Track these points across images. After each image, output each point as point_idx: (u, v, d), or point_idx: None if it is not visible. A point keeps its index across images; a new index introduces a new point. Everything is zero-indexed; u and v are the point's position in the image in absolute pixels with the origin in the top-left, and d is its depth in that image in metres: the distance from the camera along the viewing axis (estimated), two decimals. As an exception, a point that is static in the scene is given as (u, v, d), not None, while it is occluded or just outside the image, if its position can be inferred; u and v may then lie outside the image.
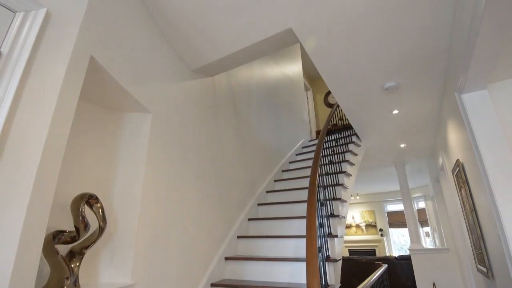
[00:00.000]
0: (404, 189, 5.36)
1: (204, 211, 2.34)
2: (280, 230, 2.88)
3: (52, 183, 1.15)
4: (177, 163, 2.07)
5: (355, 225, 9.73)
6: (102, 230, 1.45)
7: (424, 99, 2.97)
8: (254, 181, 3.43)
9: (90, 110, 1.70)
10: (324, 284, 1.81)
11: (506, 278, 2.07)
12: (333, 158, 3.30)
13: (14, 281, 0.98)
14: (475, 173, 2.34)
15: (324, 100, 7.70)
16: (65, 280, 1.30)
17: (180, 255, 1.97)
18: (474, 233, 2.78)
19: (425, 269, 4.77)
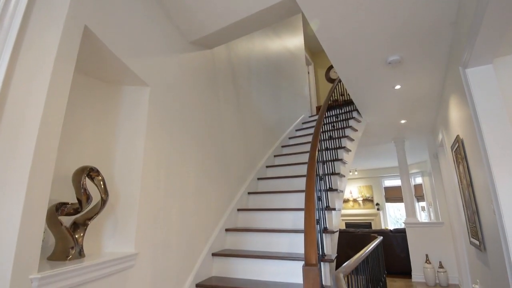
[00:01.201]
0: (402, 165, 5.41)
1: (205, 184, 2.38)
2: (279, 204, 2.94)
3: (51, 156, 1.15)
4: (176, 137, 2.07)
5: (353, 200, 9.94)
6: (104, 202, 1.48)
7: (427, 74, 2.92)
8: (254, 156, 3.45)
9: (87, 83, 1.66)
10: (321, 254, 1.87)
11: (497, 250, 2.14)
12: (333, 134, 3.30)
13: (19, 251, 1.01)
14: (474, 149, 2.35)
15: (325, 75, 7.57)
16: (70, 250, 1.34)
17: (182, 227, 2.02)
18: (470, 207, 2.84)
19: (419, 242, 4.93)
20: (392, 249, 5.37)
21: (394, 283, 4.81)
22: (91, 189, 1.46)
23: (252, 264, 2.24)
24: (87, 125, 1.64)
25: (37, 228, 1.08)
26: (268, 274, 2.18)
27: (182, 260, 2.00)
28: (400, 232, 5.41)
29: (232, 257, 2.30)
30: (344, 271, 1.61)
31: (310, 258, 1.14)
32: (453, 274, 4.64)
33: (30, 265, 1.04)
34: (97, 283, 1.34)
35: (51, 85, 1.16)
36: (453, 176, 3.69)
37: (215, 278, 2.24)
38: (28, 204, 1.05)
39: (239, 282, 2.10)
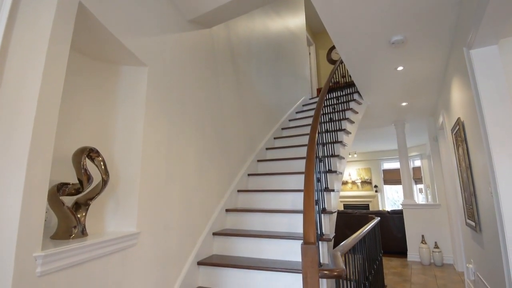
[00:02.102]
0: (401, 148, 5.43)
1: (205, 166, 2.39)
2: (278, 185, 2.97)
3: (50, 136, 1.15)
4: (176, 118, 2.05)
5: (351, 182, 10.04)
6: (105, 182, 1.49)
7: (431, 55, 2.86)
8: (254, 138, 3.45)
9: (84, 63, 1.63)
10: (320, 233, 1.91)
11: (493, 231, 2.18)
12: (333, 116, 3.28)
13: (22, 230, 1.03)
14: (475, 131, 2.34)
15: (327, 56, 7.44)
16: (72, 229, 1.36)
17: (182, 207, 2.05)
18: (467, 189, 2.87)
19: (416, 223, 5.03)
20: (389, 229, 5.48)
21: (390, 262, 4.95)
22: (91, 170, 1.47)
23: (252, 243, 2.29)
24: (86, 106, 1.62)
25: (39, 207, 1.09)
26: (268, 253, 2.23)
27: (183, 239, 2.04)
28: (397, 213, 5.51)
29: (233, 236, 2.35)
30: (342, 250, 1.64)
31: (308, 236, 1.16)
32: (447, 254, 4.76)
33: (33, 244, 1.06)
34: (100, 261, 1.37)
35: (46, 64, 1.14)
36: (452, 159, 3.70)
37: (216, 256, 2.30)
38: (29, 184, 1.06)
39: (239, 260, 2.15)
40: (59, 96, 1.20)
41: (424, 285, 3.77)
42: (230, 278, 2.08)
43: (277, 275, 1.98)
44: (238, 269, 2.06)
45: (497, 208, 1.98)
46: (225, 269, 2.10)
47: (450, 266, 4.63)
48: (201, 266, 2.15)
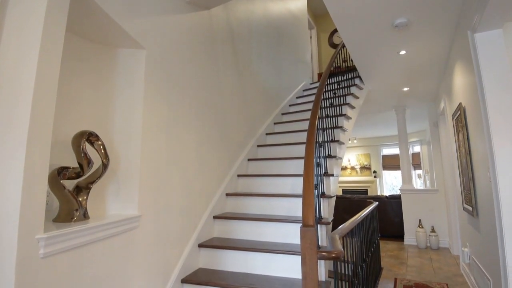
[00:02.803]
0: (401, 134, 5.42)
1: (205, 150, 2.39)
2: (278, 170, 2.99)
3: (48, 119, 1.14)
4: (175, 102, 2.04)
5: (350, 167, 10.10)
6: (106, 166, 1.49)
7: (434, 38, 2.81)
8: (254, 123, 3.43)
9: (81, 45, 1.60)
10: (318, 217, 1.94)
11: (489, 215, 2.21)
12: (334, 101, 3.26)
13: (24, 213, 1.04)
14: (476, 116, 2.33)
15: (328, 40, 7.31)
16: (74, 212, 1.38)
17: (183, 191, 2.07)
18: (466, 175, 2.89)
19: (413, 208, 5.09)
20: (387, 214, 5.56)
21: (387, 245, 5.05)
22: (91, 154, 1.47)
23: (252, 226, 2.33)
24: (84, 90, 1.60)
25: (40, 190, 1.10)
26: (267, 235, 2.27)
27: (184, 222, 2.07)
28: (395, 198, 5.57)
29: (233, 220, 2.38)
30: (340, 233, 1.67)
31: (307, 219, 1.18)
32: (444, 238, 4.85)
33: (35, 226, 1.07)
34: (102, 243, 1.40)
35: (42, 46, 1.11)
36: (452, 145, 3.71)
37: (216, 239, 2.34)
38: (29, 167, 1.06)
39: (239, 242, 2.19)
40: (56, 78, 1.18)
41: (419, 268, 3.86)
42: (230, 259, 2.12)
43: (276, 257, 2.02)
44: (238, 251, 2.10)
45: (495, 193, 2.00)
46: (225, 251, 2.14)
47: (445, 249, 4.72)
48: (202, 248, 2.20)
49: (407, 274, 3.63)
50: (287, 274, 1.99)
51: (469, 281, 3.21)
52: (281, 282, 1.87)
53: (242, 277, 1.97)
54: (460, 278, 3.45)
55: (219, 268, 2.14)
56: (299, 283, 1.85)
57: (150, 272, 1.71)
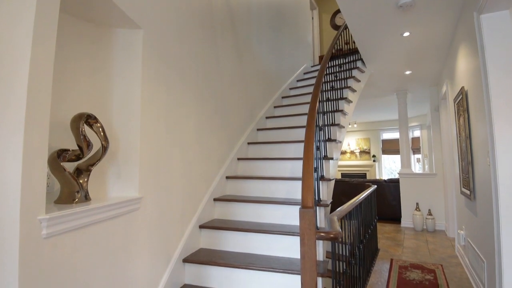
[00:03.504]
0: (402, 118, 5.40)
1: (205, 134, 2.38)
2: (278, 154, 2.99)
3: (45, 101, 1.13)
4: (174, 85, 2.01)
5: (350, 152, 10.13)
6: (105, 149, 1.49)
7: (439, 19, 2.74)
8: (254, 106, 3.41)
9: (75, 26, 1.56)
10: (317, 199, 1.96)
11: (486, 199, 2.23)
12: (335, 84, 3.22)
13: (25, 195, 1.04)
14: (478, 101, 2.31)
15: (330, 21, 7.14)
16: (75, 194, 1.39)
17: (183, 173, 2.08)
18: (465, 159, 2.90)
19: (411, 191, 5.15)
20: (385, 197, 5.63)
21: (384, 228, 5.14)
22: (91, 137, 1.46)
23: (252, 208, 2.36)
24: (81, 72, 1.58)
25: (40, 172, 1.10)
26: (267, 217, 2.31)
27: (185, 205, 2.09)
28: (394, 182, 5.62)
29: (233, 202, 2.41)
30: (339, 215, 1.69)
31: (306, 201, 1.19)
32: (440, 221, 4.93)
33: (37, 207, 1.08)
34: (104, 224, 1.42)
35: (36, 26, 1.09)
36: (452, 129, 3.70)
37: (217, 220, 2.38)
38: (28, 148, 1.06)
39: (239, 224, 2.23)
40: (52, 59, 1.16)
41: (415, 249, 3.94)
42: (230, 240, 2.17)
43: (276, 238, 2.06)
44: (238, 232, 2.14)
45: (493, 177, 2.01)
46: (226, 232, 2.18)
47: (441, 232, 4.81)
48: (203, 229, 2.23)
49: (403, 255, 3.72)
50: (286, 254, 2.03)
51: (464, 262, 3.29)
52: (280, 262, 1.92)
53: (242, 257, 2.02)
54: (455, 259, 3.53)
55: (220, 248, 2.19)
56: (297, 262, 1.89)
57: (152, 252, 1.75)
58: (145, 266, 1.69)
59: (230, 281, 1.93)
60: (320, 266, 1.73)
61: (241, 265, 1.88)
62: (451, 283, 2.86)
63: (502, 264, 1.89)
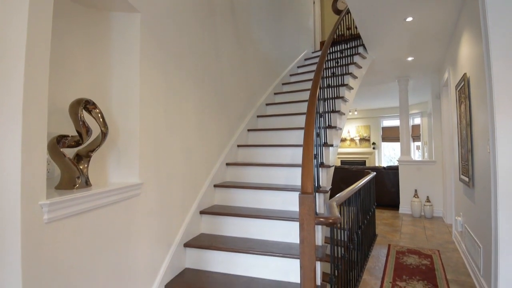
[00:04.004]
0: (403, 105, 5.37)
1: (205, 120, 2.37)
2: (278, 141, 2.99)
3: (43, 85, 1.11)
4: (173, 70, 1.99)
5: (350, 139, 10.14)
6: (105, 135, 1.48)
7: (443, 4, 2.68)
8: (254, 93, 3.38)
9: (72, 9, 1.52)
10: (317, 185, 1.97)
11: (485, 186, 2.24)
12: (336, 71, 3.18)
13: (25, 180, 1.04)
14: (480, 87, 2.29)
15: (332, 6, 6.99)
16: (76, 179, 1.39)
17: (183, 160, 2.08)
18: (465, 146, 2.90)
19: (410, 178, 5.18)
20: (384, 184, 5.67)
21: (382, 214, 5.20)
22: (90, 123, 1.45)
23: (251, 194, 2.38)
24: (78, 57, 1.55)
25: (39, 157, 1.10)
26: (267, 203, 2.33)
27: (185, 190, 2.11)
28: (393, 169, 5.64)
29: (233, 188, 2.43)
30: (338, 201, 1.71)
31: (306, 187, 1.20)
32: (438, 208, 4.98)
33: (38, 193, 1.09)
34: (105, 209, 1.43)
35: (31, 10, 1.06)
36: (453, 116, 3.68)
37: (217, 206, 2.40)
38: (27, 134, 1.05)
39: (239, 209, 2.25)
40: (48, 43, 1.14)
41: (412, 235, 4.00)
42: (230, 225, 2.19)
43: (275, 223, 2.09)
44: (238, 218, 2.17)
45: (492, 165, 2.01)
46: (226, 218, 2.21)
47: (439, 218, 4.87)
48: (203, 215, 2.26)
49: (401, 240, 3.78)
50: (285, 239, 2.06)
51: (460, 248, 3.34)
52: (279, 246, 1.95)
53: (242, 241, 2.05)
54: (452, 245, 3.59)
55: (220, 233, 2.22)
56: (296, 247, 1.92)
57: (154, 237, 1.77)
58: (147, 251, 1.71)
59: (231, 265, 1.96)
60: (319, 251, 1.76)
61: (241, 250, 1.91)
62: (447, 268, 2.92)
63: (499, 249, 1.92)
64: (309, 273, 1.10)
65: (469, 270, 2.81)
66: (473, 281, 2.61)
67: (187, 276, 1.93)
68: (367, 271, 2.86)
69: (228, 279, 1.87)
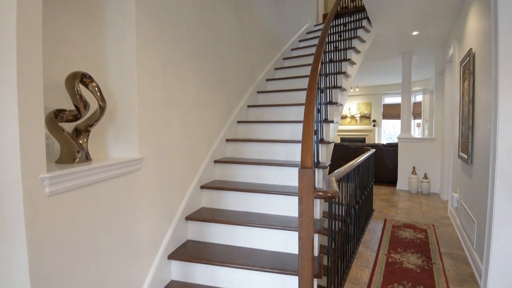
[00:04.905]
0: (405, 81, 5.30)
1: (204, 96, 2.34)
2: (278, 117, 2.97)
3: (37, 58, 1.08)
4: (171, 43, 1.93)
5: (350, 116, 10.09)
6: (103, 109, 1.46)
7: (453, -27, 2.56)
8: (254, 68, 3.31)
9: (64, -27, 1.45)
10: (316, 161, 1.98)
11: (483, 163, 2.26)
12: (338, 45, 3.10)
13: (25, 154, 1.04)
14: (485, 63, 2.24)
15: (336, -24, 6.68)
16: (76, 154, 1.39)
17: (183, 136, 2.08)
18: (466, 123, 2.88)
19: (409, 155, 5.21)
20: (383, 161, 5.71)
21: (380, 190, 5.29)
22: (87, 97, 1.43)
23: (251, 170, 2.40)
24: (72, 29, 1.50)
25: (37, 130, 1.09)
26: (266, 178, 2.36)
27: (186, 166, 2.12)
28: (392, 146, 5.66)
29: (233, 164, 2.45)
30: (336, 176, 1.72)
31: (306, 162, 1.20)
32: (435, 184, 5.05)
33: (38, 166, 1.09)
34: (106, 184, 1.44)
35: (21, -29, 1.01)
36: (455, 93, 3.64)
37: (217, 181, 2.43)
38: (23, 107, 1.04)
39: (239, 184, 2.28)
40: (39, 11, 1.09)
41: (409, 210, 4.09)
42: (231, 200, 2.23)
43: (275, 197, 2.12)
44: (238, 192, 2.20)
45: (493, 142, 2.01)
46: (226, 192, 2.24)
47: (436, 195, 4.96)
48: (204, 189, 2.29)
49: (397, 215, 3.87)
50: (284, 213, 2.11)
51: (455, 223, 3.43)
52: (278, 219, 1.99)
53: (242, 215, 2.09)
54: (447, 220, 3.68)
55: (221, 207, 2.26)
56: (295, 220, 1.97)
57: (156, 211, 1.81)
58: (150, 224, 1.75)
59: (231, 237, 2.02)
60: (317, 224, 1.80)
61: (241, 223, 1.96)
62: (441, 241, 3.01)
63: (493, 223, 1.97)
64: (307, 244, 1.13)
65: (463, 244, 2.89)
66: (466, 254, 2.70)
67: (189, 247, 1.99)
68: (363, 244, 2.96)
69: (229, 250, 1.94)
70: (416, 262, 2.54)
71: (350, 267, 2.48)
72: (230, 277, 1.80)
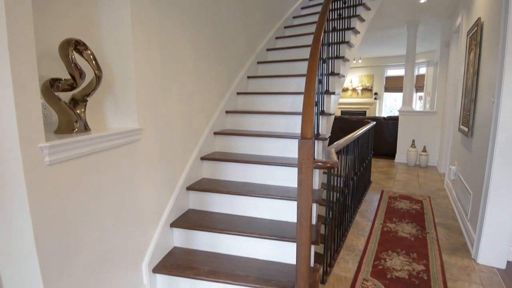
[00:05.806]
0: (410, 53, 5.16)
1: (202, 67, 2.28)
2: (279, 88, 2.92)
3: (27, 24, 1.04)
4: (167, 10, 1.85)
5: (352, 89, 9.94)
6: (99, 78, 1.43)
7: None
8: (254, 37, 3.20)
9: None
10: (316, 133, 1.98)
11: (484, 136, 2.26)
12: (342, 12, 2.97)
13: (22, 124, 1.03)
14: (493, 34, 2.17)
15: None
16: (74, 123, 1.38)
17: (183, 107, 2.05)
18: (468, 96, 2.85)
19: (409, 128, 5.21)
20: (382, 134, 5.72)
21: (378, 163, 5.34)
22: (83, 66, 1.39)
23: (251, 141, 2.40)
24: (63, -11, 1.43)
25: (33, 99, 1.07)
26: (266, 150, 2.37)
27: (186, 137, 2.12)
28: (392, 119, 5.64)
29: (233, 136, 2.45)
30: (336, 147, 1.73)
31: (306, 133, 1.20)
32: (433, 157, 5.09)
33: (36, 136, 1.08)
34: (106, 153, 1.45)
35: None
36: (460, 65, 3.56)
37: (217, 153, 2.44)
38: (17, 76, 1.01)
39: (239, 156, 2.30)
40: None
41: (406, 182, 4.16)
42: (231, 171, 2.26)
43: (274, 168, 2.15)
44: (238, 163, 2.22)
45: (495, 115, 2.00)
46: (226, 163, 2.26)
47: (433, 168, 5.02)
48: (204, 161, 2.31)
49: (394, 187, 3.94)
50: (283, 184, 2.14)
51: (450, 195, 3.50)
52: (278, 190, 2.03)
53: (242, 185, 2.12)
54: (443, 192, 3.75)
55: (221, 178, 2.29)
56: (294, 191, 2.00)
57: (157, 181, 1.83)
58: (151, 193, 1.78)
59: (231, 206, 2.07)
60: (316, 194, 1.83)
61: (241, 192, 1.99)
62: (436, 212, 3.09)
63: (489, 195, 2.01)
64: (305, 213, 1.16)
65: (457, 215, 2.97)
66: (459, 224, 2.79)
67: (191, 215, 2.04)
68: (360, 214, 3.04)
69: (230, 218, 1.99)
70: (411, 231, 2.63)
71: (347, 235, 2.57)
72: (230, 244, 1.86)
